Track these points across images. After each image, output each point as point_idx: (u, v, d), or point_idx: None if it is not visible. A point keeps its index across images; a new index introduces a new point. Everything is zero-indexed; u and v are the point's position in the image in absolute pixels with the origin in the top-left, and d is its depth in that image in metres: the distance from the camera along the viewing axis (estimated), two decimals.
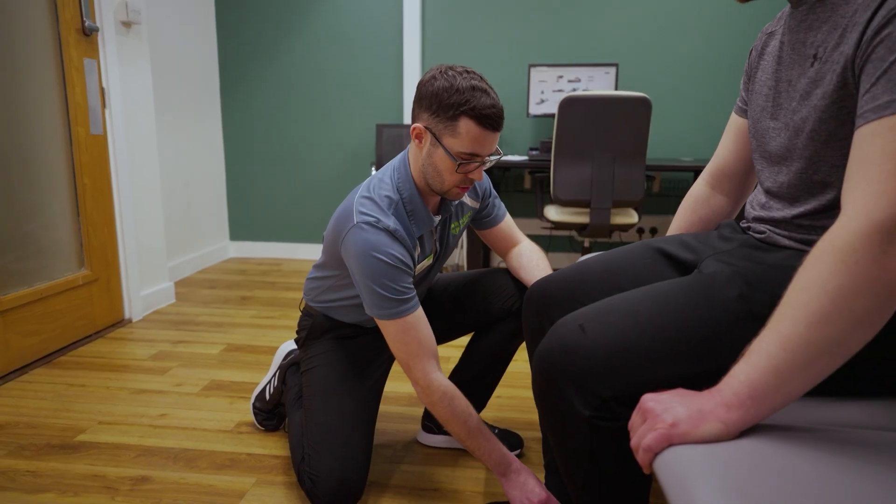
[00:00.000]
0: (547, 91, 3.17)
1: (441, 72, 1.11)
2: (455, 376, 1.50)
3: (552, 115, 3.14)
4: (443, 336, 1.49)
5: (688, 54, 3.23)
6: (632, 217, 2.67)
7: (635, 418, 0.70)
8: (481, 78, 1.12)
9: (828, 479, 0.57)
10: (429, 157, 1.16)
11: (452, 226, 1.35)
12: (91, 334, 2.29)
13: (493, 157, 1.18)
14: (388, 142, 3.29)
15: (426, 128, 1.14)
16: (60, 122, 2.12)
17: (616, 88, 3.12)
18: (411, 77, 3.38)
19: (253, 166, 3.68)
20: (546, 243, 3.55)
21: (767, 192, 0.89)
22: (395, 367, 2.03)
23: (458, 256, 3.59)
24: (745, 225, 0.94)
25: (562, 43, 3.31)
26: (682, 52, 3.23)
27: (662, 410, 0.67)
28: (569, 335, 0.79)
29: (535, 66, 3.14)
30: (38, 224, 2.04)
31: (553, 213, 2.73)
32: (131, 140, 2.45)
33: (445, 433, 1.53)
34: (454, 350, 2.21)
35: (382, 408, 1.74)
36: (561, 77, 3.14)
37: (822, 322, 0.61)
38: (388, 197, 1.20)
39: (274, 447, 1.53)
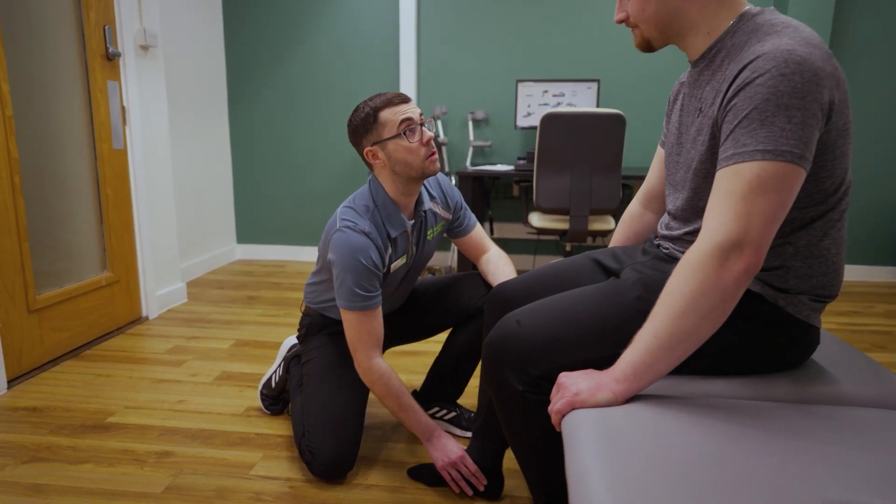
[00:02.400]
0: (533, 105, 3.39)
1: (353, 111, 1.42)
2: (436, 366, 1.72)
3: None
4: (426, 331, 1.72)
5: (664, 70, 3.45)
6: (609, 223, 2.88)
7: (553, 391, 0.92)
8: (381, 93, 1.42)
9: (683, 429, 0.79)
10: (390, 159, 1.40)
11: (428, 232, 1.58)
12: (113, 330, 2.52)
13: (428, 122, 1.44)
14: None
15: (372, 144, 1.40)
16: (86, 139, 2.35)
17: (598, 103, 3.33)
18: (407, 89, 3.60)
19: (258, 173, 3.91)
20: (533, 247, 3.78)
21: (669, 212, 1.12)
22: (386, 361, 2.26)
23: (451, 259, 3.81)
24: (657, 242, 1.16)
25: (547, 60, 3.53)
26: (659, 68, 3.45)
27: (570, 384, 0.89)
28: (508, 328, 1.01)
29: (522, 81, 3.36)
30: (67, 231, 2.27)
31: (536, 219, 2.95)
32: (148, 153, 2.68)
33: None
34: (436, 344, 2.43)
35: (373, 395, 1.96)
36: (546, 92, 3.36)
37: (680, 317, 0.84)
38: (365, 205, 1.44)
39: (279, 428, 1.75)
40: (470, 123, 3.59)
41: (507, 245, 3.80)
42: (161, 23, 3.06)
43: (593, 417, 0.84)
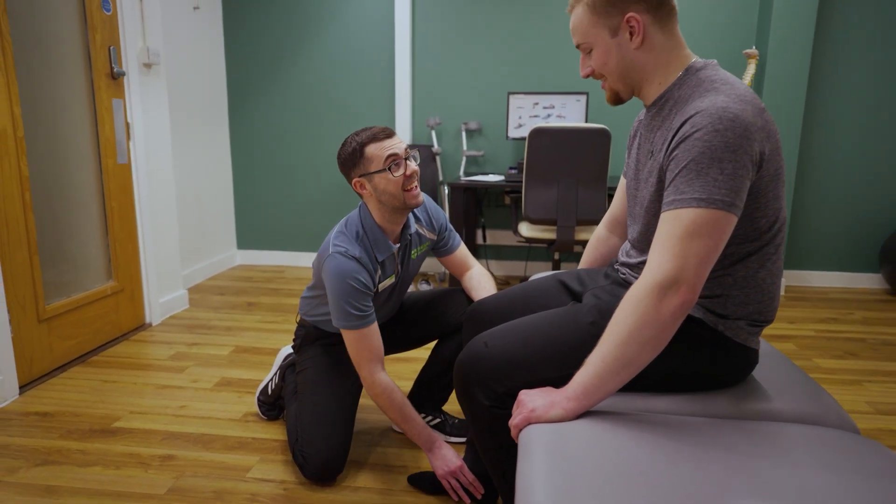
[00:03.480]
0: (524, 116, 3.49)
1: (341, 145, 1.53)
2: (423, 375, 1.83)
3: None
4: (414, 342, 1.83)
5: None
6: None
7: (514, 406, 1.03)
8: (367, 128, 1.52)
9: (624, 444, 0.90)
10: (376, 191, 1.51)
11: (413, 252, 1.69)
12: (118, 337, 2.64)
13: (413, 154, 1.55)
14: None
15: (359, 176, 1.51)
16: (92, 155, 2.46)
17: (586, 115, 3.43)
18: (403, 102, 3.71)
19: (258, 181, 4.02)
20: (525, 253, 3.89)
21: (629, 241, 1.22)
22: None
23: None
24: (617, 267, 1.27)
25: (538, 73, 3.64)
26: None
27: (528, 401, 1.00)
28: (477, 349, 1.12)
29: (513, 93, 3.47)
30: (74, 243, 2.38)
31: (525, 229, 3.06)
32: (151, 166, 2.80)
33: None
34: (426, 351, 2.54)
35: (364, 402, 2.08)
36: (537, 104, 3.46)
37: (624, 344, 0.94)
38: (356, 231, 1.55)
39: (274, 433, 1.87)
40: (463, 134, 3.69)
41: (499, 252, 3.91)
42: (163, 37, 3.17)
43: (547, 432, 0.95)
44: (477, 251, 3.92)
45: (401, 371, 2.35)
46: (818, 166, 3.56)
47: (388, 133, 1.50)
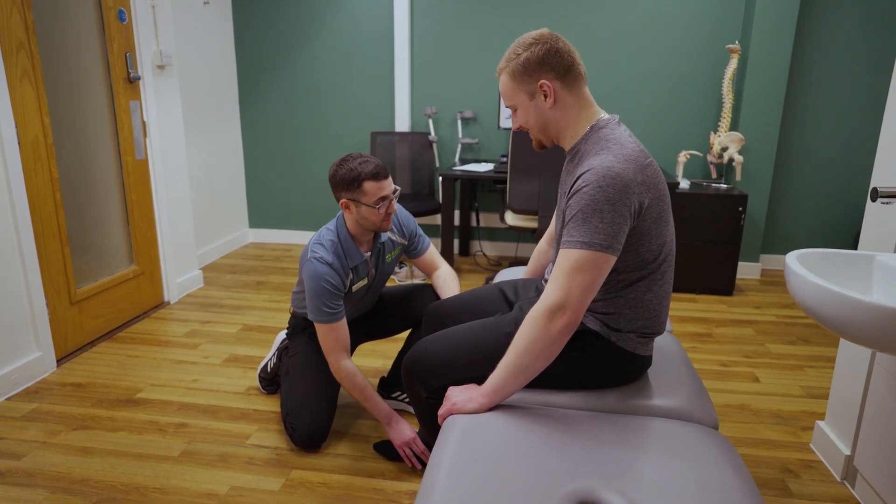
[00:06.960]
0: None
1: (338, 164, 1.74)
2: (399, 358, 2.11)
3: None
4: (390, 331, 2.11)
5: (641, 75, 3.70)
6: None
7: (444, 399, 1.30)
8: (361, 154, 1.74)
9: (517, 432, 1.17)
10: (360, 215, 1.77)
11: (387, 256, 1.95)
12: (140, 314, 2.96)
13: (396, 193, 1.79)
14: (381, 146, 3.86)
15: (349, 199, 1.75)
16: (113, 153, 2.74)
17: None
18: (402, 92, 3.91)
19: (267, 165, 4.29)
20: (516, 236, 4.12)
21: (552, 261, 1.47)
22: (361, 349, 2.66)
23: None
24: (543, 282, 1.51)
25: None
26: (636, 72, 3.70)
27: (453, 395, 1.27)
28: (419, 352, 1.39)
29: None
30: (99, 233, 2.69)
31: (510, 218, 3.29)
32: (166, 160, 3.07)
33: (391, 398, 2.16)
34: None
35: None
36: None
37: (522, 355, 1.20)
38: (331, 241, 1.81)
39: (272, 405, 2.18)
40: (459, 122, 3.90)
41: (492, 234, 4.15)
42: (176, 35, 3.40)
43: (464, 420, 1.22)
44: (471, 233, 4.17)
45: (388, 350, 2.64)
46: (796, 155, 3.71)
47: (386, 173, 1.73)
